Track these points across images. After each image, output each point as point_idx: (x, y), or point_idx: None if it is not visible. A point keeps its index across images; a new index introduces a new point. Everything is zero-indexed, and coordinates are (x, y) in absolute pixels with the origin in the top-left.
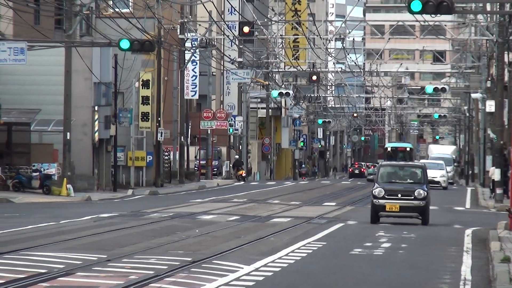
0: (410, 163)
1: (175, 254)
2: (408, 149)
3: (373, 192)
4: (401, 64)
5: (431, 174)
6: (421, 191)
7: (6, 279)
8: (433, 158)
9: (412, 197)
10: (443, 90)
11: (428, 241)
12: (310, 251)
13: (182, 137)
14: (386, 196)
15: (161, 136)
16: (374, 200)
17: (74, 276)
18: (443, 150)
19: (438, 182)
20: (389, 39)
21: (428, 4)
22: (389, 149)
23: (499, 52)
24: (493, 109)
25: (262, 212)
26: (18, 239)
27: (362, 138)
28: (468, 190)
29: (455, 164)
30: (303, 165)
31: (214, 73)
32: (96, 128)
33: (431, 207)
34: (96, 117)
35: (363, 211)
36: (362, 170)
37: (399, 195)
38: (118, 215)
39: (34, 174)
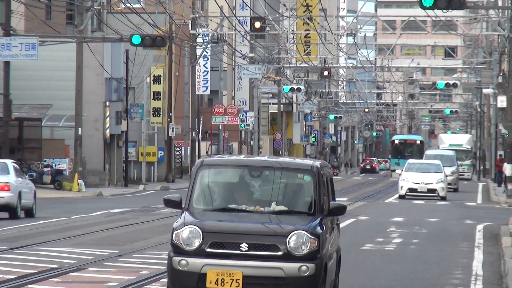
0: (280, 160)
1: None
2: (418, 142)
3: (173, 237)
4: (413, 59)
5: (426, 179)
6: (305, 235)
7: (18, 274)
8: (429, 157)
9: (280, 252)
10: (455, 85)
11: (440, 236)
12: None
13: (194, 133)
14: (208, 250)
15: (173, 131)
16: (175, 259)
17: (85, 272)
18: (456, 139)
19: (434, 191)
20: (400, 34)
21: None
22: (396, 141)
23: (511, 47)
24: (504, 105)
25: None
26: (29, 234)
27: (374, 134)
28: (479, 185)
29: (464, 160)
30: (336, 159)
31: (225, 69)
32: (108, 124)
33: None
34: (108, 112)
35: (375, 207)
36: (374, 165)
37: (244, 247)
38: (129, 211)
39: (46, 169)
